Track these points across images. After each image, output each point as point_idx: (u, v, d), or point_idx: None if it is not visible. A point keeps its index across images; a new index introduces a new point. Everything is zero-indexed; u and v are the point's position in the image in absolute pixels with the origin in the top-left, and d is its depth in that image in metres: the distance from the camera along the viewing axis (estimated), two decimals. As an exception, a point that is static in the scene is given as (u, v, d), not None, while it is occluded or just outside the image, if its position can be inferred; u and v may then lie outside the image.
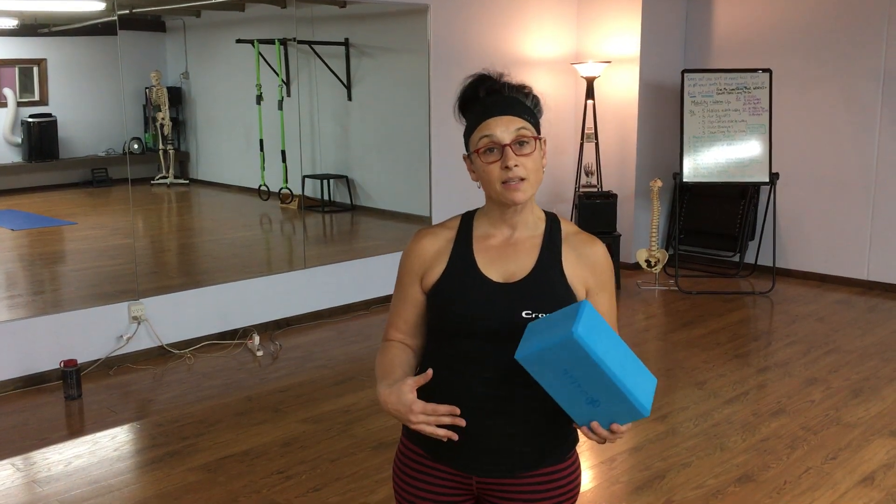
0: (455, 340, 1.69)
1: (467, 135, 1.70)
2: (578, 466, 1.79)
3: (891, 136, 6.49)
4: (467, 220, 1.76)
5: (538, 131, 1.69)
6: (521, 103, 1.68)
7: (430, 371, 1.63)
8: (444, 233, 1.75)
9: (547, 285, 1.67)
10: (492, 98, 1.67)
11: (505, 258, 1.70)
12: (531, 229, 1.72)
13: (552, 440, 1.73)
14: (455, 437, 1.60)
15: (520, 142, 1.64)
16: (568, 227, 1.75)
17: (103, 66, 5.51)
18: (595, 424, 1.55)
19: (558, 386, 1.52)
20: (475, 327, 1.66)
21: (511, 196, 1.64)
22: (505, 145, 1.63)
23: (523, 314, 1.63)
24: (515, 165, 1.62)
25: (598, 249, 1.73)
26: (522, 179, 1.64)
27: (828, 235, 6.88)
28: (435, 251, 1.73)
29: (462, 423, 1.61)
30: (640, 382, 1.53)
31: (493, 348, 1.65)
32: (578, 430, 1.63)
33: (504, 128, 1.63)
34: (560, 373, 1.50)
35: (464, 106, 1.72)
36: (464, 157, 1.74)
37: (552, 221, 1.75)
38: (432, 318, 1.74)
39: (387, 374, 1.69)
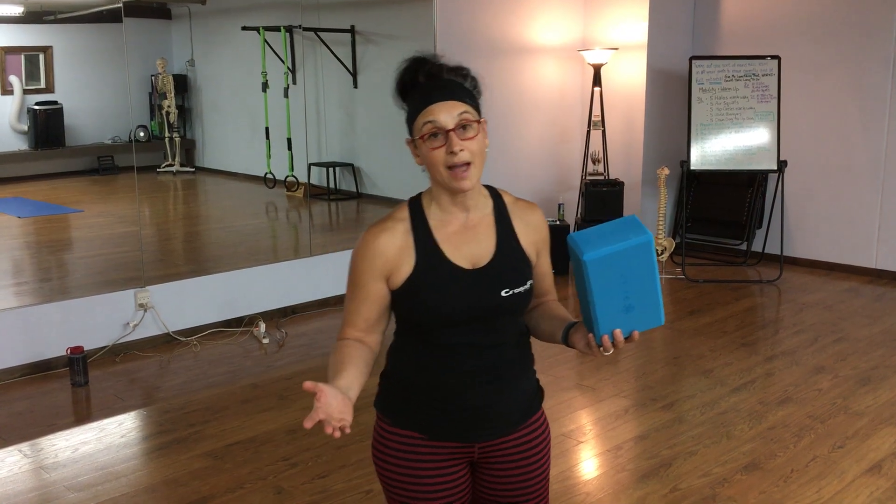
0: (438, 331, 1.74)
1: (410, 120, 1.72)
2: (545, 415, 1.95)
3: (900, 123, 6.45)
4: (416, 207, 1.76)
5: (479, 113, 1.72)
6: (461, 86, 1.71)
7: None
8: (399, 226, 1.74)
9: (513, 262, 1.77)
10: (431, 83, 1.69)
11: (467, 243, 1.74)
12: (482, 209, 1.78)
13: (531, 395, 1.89)
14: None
15: (463, 126, 1.67)
16: (507, 198, 1.84)
17: (109, 53, 5.49)
18: (618, 332, 1.62)
19: (607, 290, 1.59)
20: (459, 316, 1.71)
21: (458, 185, 1.68)
22: (449, 130, 1.66)
23: (502, 293, 1.73)
24: (461, 150, 1.66)
25: (539, 214, 1.86)
26: (468, 164, 1.67)
27: (836, 223, 6.85)
28: (397, 248, 1.72)
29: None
30: None
31: (479, 329, 1.74)
32: (587, 345, 1.70)
33: (447, 113, 1.66)
34: (617, 276, 1.57)
35: (403, 91, 1.74)
36: (407, 142, 1.75)
37: (495, 196, 1.82)
38: (407, 312, 1.75)
39: (336, 374, 1.66)
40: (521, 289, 1.75)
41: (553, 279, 1.94)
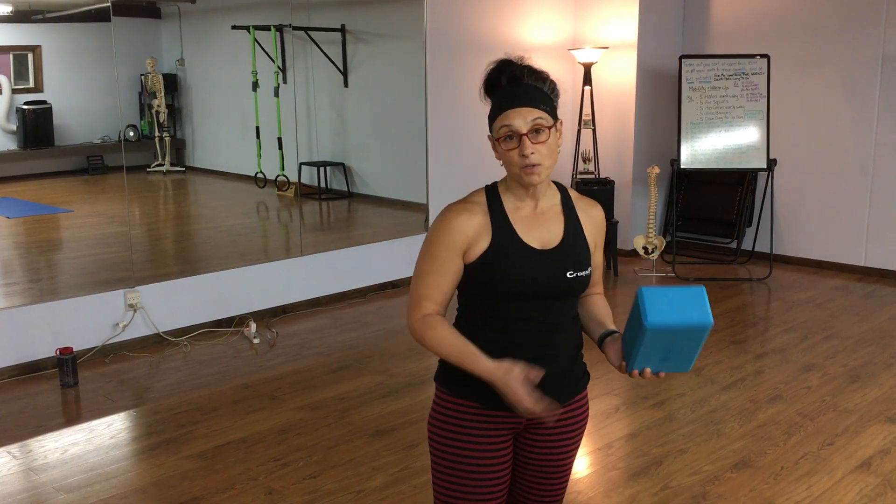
0: (505, 303, 1.89)
1: (490, 120, 1.88)
2: (588, 397, 2.11)
3: (889, 121, 6.48)
4: (492, 193, 1.93)
5: (554, 117, 1.86)
6: (539, 91, 1.85)
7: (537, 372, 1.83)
8: (477, 207, 1.91)
9: (578, 247, 1.94)
10: (512, 87, 1.84)
11: (538, 227, 1.92)
12: (550, 199, 1.96)
13: (579, 375, 2.05)
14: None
15: (536, 130, 1.82)
16: (573, 194, 2.03)
17: (99, 52, 5.47)
18: (647, 371, 1.83)
19: (653, 346, 1.75)
20: (527, 290, 1.87)
21: (529, 180, 1.85)
22: (522, 135, 1.81)
23: (567, 275, 1.90)
24: (532, 153, 1.82)
25: (601, 212, 2.05)
26: (538, 165, 1.83)
27: (825, 222, 6.88)
28: (476, 226, 1.88)
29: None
30: None
31: (541, 305, 1.90)
32: (618, 366, 1.91)
33: (522, 119, 1.81)
34: (666, 340, 1.73)
35: (488, 89, 1.90)
36: (489, 138, 1.91)
37: (562, 190, 2.00)
38: (477, 285, 1.91)
39: (473, 350, 1.85)
40: (584, 273, 1.92)
41: (603, 273, 2.11)
